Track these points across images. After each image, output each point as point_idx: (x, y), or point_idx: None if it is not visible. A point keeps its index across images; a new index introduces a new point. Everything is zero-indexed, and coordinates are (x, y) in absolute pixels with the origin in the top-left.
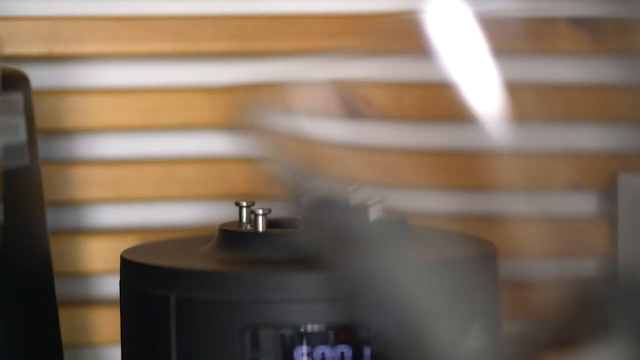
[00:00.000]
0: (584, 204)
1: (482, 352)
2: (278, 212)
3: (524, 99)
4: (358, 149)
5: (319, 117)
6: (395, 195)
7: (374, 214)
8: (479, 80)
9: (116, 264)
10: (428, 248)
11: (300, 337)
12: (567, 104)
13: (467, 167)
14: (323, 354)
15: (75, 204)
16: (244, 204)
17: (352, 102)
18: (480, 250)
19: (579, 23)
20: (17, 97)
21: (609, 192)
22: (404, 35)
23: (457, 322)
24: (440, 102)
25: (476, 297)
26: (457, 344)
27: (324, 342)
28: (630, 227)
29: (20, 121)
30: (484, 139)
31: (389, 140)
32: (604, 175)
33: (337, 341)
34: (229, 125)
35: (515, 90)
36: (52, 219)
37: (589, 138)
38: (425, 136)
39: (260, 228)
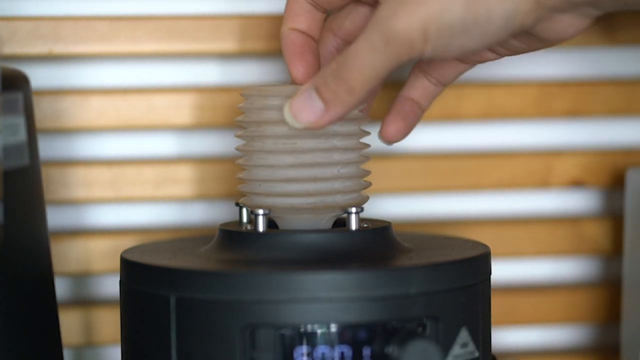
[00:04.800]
0: (590, 201)
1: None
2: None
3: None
4: None
5: None
6: (379, 201)
7: (355, 222)
8: None
9: (116, 264)
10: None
11: (300, 337)
12: (576, 98)
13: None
14: (323, 354)
15: (75, 204)
16: None
17: None
18: (473, 252)
19: None
20: (17, 97)
21: (615, 188)
22: None
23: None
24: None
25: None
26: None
27: (324, 342)
28: (637, 224)
29: (20, 121)
30: None
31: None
32: (611, 171)
33: (337, 341)
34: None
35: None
36: (52, 219)
37: (596, 133)
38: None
39: (260, 228)
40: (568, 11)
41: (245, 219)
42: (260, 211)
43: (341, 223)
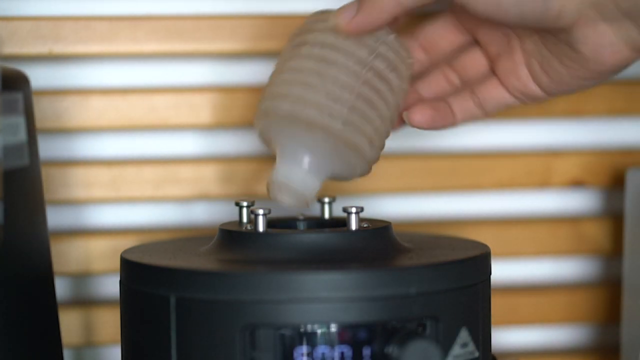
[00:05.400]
0: (590, 201)
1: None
2: (278, 212)
3: None
4: None
5: None
6: (378, 201)
7: (355, 222)
8: None
9: (116, 264)
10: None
11: (300, 337)
12: (576, 98)
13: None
14: (323, 354)
15: (75, 204)
16: (244, 204)
17: None
18: (474, 252)
19: None
20: (17, 97)
21: (615, 188)
22: None
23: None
24: None
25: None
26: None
27: (324, 342)
28: (637, 224)
29: (20, 121)
30: None
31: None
32: (611, 171)
33: (337, 341)
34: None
35: None
36: (52, 219)
37: (596, 133)
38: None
39: (260, 228)
40: (611, 20)
41: (245, 219)
42: (260, 211)
43: (341, 223)
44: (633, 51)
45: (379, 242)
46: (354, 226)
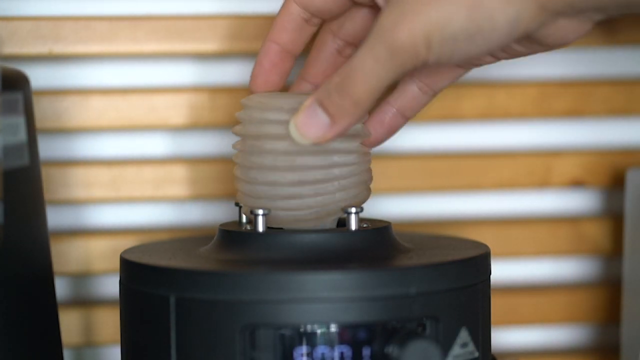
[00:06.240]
0: (590, 201)
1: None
2: None
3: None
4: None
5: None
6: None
7: (355, 222)
8: None
9: (116, 264)
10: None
11: (300, 337)
12: (576, 98)
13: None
14: (323, 354)
15: (75, 204)
16: None
17: None
18: (474, 252)
19: None
20: (17, 97)
21: (615, 188)
22: None
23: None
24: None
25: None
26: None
27: (324, 342)
28: (637, 224)
29: (20, 121)
30: None
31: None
32: (611, 171)
33: (337, 341)
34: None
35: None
36: (52, 219)
37: (596, 133)
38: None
39: (260, 228)
40: (572, 16)
41: (245, 219)
42: (260, 211)
43: (341, 223)
44: (593, 24)
45: (379, 242)
46: (353, 226)
